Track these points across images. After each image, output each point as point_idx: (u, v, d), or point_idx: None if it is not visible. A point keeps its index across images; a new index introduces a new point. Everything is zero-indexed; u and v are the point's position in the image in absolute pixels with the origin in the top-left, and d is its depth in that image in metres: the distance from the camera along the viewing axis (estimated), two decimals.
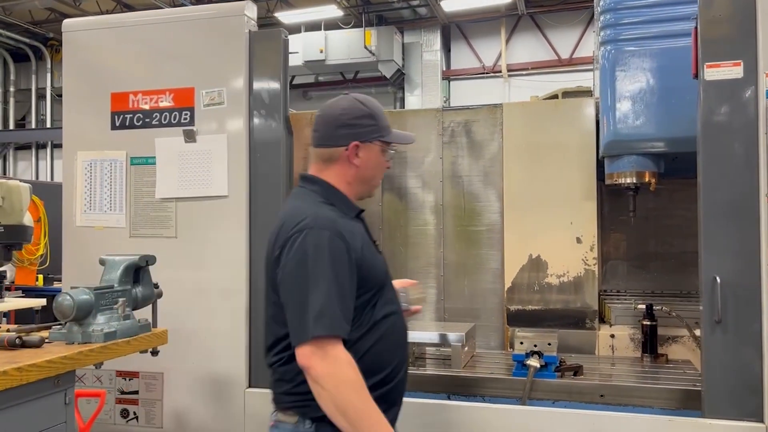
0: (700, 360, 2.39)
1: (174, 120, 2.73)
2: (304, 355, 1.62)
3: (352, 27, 12.95)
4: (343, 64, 13.03)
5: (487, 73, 13.40)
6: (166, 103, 2.74)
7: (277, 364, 1.78)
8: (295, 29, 13.14)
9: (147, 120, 2.77)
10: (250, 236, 2.69)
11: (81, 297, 1.96)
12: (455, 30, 13.74)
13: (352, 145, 1.85)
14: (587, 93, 3.42)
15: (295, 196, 1.93)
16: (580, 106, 3.23)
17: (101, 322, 2.00)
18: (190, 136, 2.69)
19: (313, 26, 13.05)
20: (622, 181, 2.96)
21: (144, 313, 2.31)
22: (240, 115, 2.67)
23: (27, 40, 13.84)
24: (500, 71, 13.18)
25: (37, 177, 14.31)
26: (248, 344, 2.67)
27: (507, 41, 13.26)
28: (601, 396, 2.56)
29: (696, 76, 2.30)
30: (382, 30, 12.86)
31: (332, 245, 1.69)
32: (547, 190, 3.20)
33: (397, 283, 2.02)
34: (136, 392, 2.78)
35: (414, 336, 2.88)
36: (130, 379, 2.78)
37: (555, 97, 3.42)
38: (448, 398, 2.69)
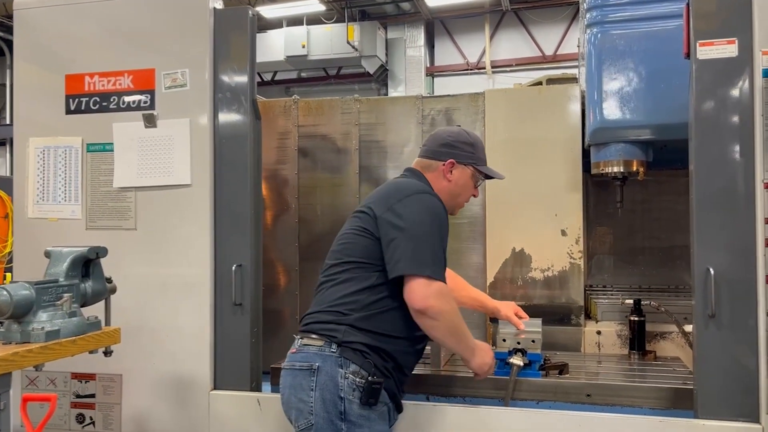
0: (693, 357, 2.27)
1: (133, 104, 2.54)
2: (421, 293, 1.93)
3: (335, 22, 12.79)
4: (326, 59, 12.86)
5: (471, 69, 13.32)
6: (124, 85, 2.55)
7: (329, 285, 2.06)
8: (276, 24, 12.97)
9: (104, 104, 2.58)
10: (215, 228, 2.51)
11: (19, 292, 1.78)
12: (439, 26, 13.64)
13: (448, 162, 2.22)
14: (572, 80, 3.28)
15: (405, 177, 2.26)
16: (565, 93, 3.10)
17: (43, 320, 1.82)
18: (150, 121, 2.51)
19: (295, 21, 12.88)
20: (608, 170, 2.83)
21: (97, 311, 2.13)
22: (204, 98, 2.49)
23: (2, 34, 13.48)
24: (484, 67, 13.11)
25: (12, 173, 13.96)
26: (213, 344, 2.50)
27: (491, 37, 13.18)
28: (588, 395, 2.43)
29: (688, 55, 2.16)
30: (365, 25, 12.72)
31: (444, 214, 2.10)
32: (531, 180, 3.07)
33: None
34: (93, 396, 2.59)
35: None
36: (86, 382, 2.59)
37: (539, 84, 3.28)
38: (427, 399, 2.55)
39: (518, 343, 2.54)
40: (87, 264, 2.03)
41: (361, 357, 1.97)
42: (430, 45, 13.77)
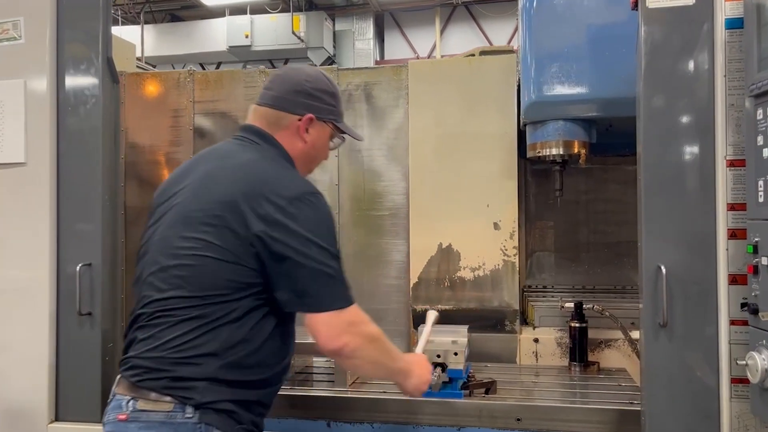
0: (640, 371, 1.89)
1: None
2: (328, 332, 1.52)
3: (280, 12, 12.28)
4: (271, 50, 12.35)
5: None
6: None
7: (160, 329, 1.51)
8: (219, 13, 12.40)
9: None
10: (59, 218, 2.00)
11: None
12: (389, 18, 13.32)
13: (306, 117, 1.70)
14: (509, 52, 2.89)
15: (248, 149, 1.68)
16: (499, 65, 2.71)
17: None
18: None
19: (238, 10, 12.33)
20: (546, 152, 2.43)
21: None
22: (43, 54, 1.97)
23: None
24: None
25: None
26: (54, 364, 1.98)
27: (441, 31, 12.92)
28: (518, 420, 2.02)
29: (636, 5, 1.77)
30: (311, 15, 12.27)
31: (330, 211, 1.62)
32: (461, 167, 2.68)
33: None
34: None
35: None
36: None
37: (472, 56, 2.88)
38: (328, 426, 2.11)
39: (438, 356, 2.12)
40: None
41: (227, 418, 1.50)
42: (380, 38, 13.44)
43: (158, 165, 2.92)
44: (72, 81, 2.01)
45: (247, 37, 12.24)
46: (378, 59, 13.27)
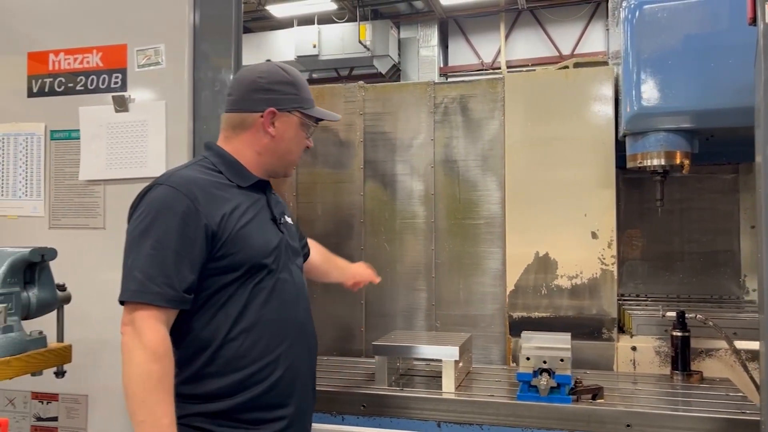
0: (759, 382, 1.89)
1: (102, 84, 2.22)
2: (122, 321, 1.47)
3: (347, 21, 12.52)
4: (337, 59, 12.60)
5: (485, 69, 12.98)
6: (93, 63, 2.24)
7: None
8: (287, 23, 12.75)
9: (70, 85, 2.26)
10: None
11: None
12: (453, 25, 13.35)
13: (267, 112, 1.69)
14: (603, 64, 2.93)
15: (193, 163, 1.73)
16: (596, 77, 2.75)
17: None
18: (121, 104, 2.19)
19: (306, 20, 12.63)
20: (648, 163, 2.46)
21: (48, 324, 1.81)
22: (181, 77, 2.16)
23: None
24: (499, 68, 12.76)
25: None
26: None
27: (506, 37, 12.87)
28: (628, 426, 2.06)
29: (753, 20, 1.79)
30: (377, 24, 12.45)
31: (172, 202, 1.52)
32: (557, 176, 2.73)
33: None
34: (55, 419, 2.26)
35: (398, 349, 2.41)
36: (47, 403, 2.27)
37: (566, 68, 2.93)
38: (438, 426, 2.20)
39: (544, 362, 2.18)
40: (32, 268, 1.71)
41: None
42: (444, 45, 13.48)
43: None
44: (206, 99, 2.19)
45: (314, 47, 12.53)
46: (442, 66, 13.33)
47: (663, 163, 2.43)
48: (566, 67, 2.96)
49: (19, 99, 2.33)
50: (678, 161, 2.43)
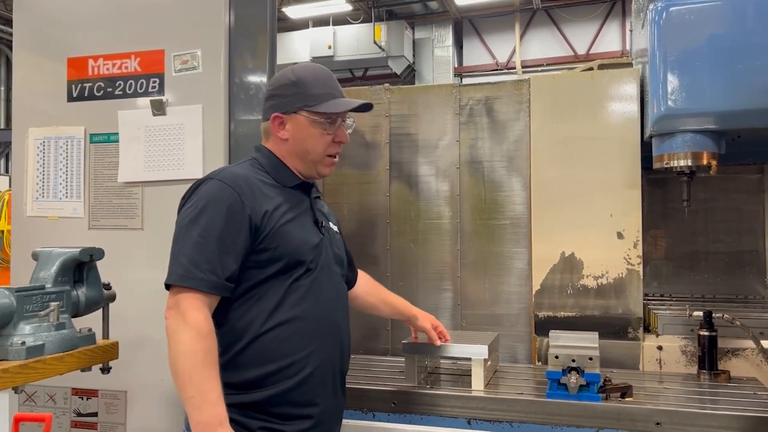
0: None
1: (140, 89, 2.29)
2: (167, 305, 1.52)
3: (361, 22, 12.59)
4: (352, 60, 12.68)
5: (500, 69, 12.99)
6: (131, 68, 2.30)
7: None
8: (302, 24, 12.83)
9: (109, 89, 2.33)
10: None
11: None
12: (467, 25, 13.37)
13: (273, 117, 1.75)
14: (627, 65, 2.95)
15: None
16: (620, 78, 2.77)
17: (25, 333, 1.55)
18: (158, 108, 2.25)
19: (321, 21, 12.71)
20: (674, 164, 2.47)
21: (92, 322, 1.86)
22: (218, 81, 2.22)
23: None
24: (514, 67, 12.77)
25: None
26: None
27: (521, 36, 12.86)
28: (657, 424, 2.08)
29: None
30: (392, 25, 12.50)
31: (221, 195, 1.59)
32: (582, 176, 2.75)
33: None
34: (95, 414, 2.33)
35: (425, 348, 2.45)
36: (87, 399, 2.33)
37: (590, 69, 2.96)
38: (468, 423, 2.23)
39: (573, 360, 2.21)
40: (81, 268, 1.76)
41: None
42: (459, 45, 13.51)
43: None
44: (244, 104, 2.24)
45: (329, 48, 12.60)
46: (456, 66, 13.35)
47: (690, 164, 2.45)
48: (591, 68, 2.98)
49: (59, 103, 2.40)
50: (705, 162, 2.45)
